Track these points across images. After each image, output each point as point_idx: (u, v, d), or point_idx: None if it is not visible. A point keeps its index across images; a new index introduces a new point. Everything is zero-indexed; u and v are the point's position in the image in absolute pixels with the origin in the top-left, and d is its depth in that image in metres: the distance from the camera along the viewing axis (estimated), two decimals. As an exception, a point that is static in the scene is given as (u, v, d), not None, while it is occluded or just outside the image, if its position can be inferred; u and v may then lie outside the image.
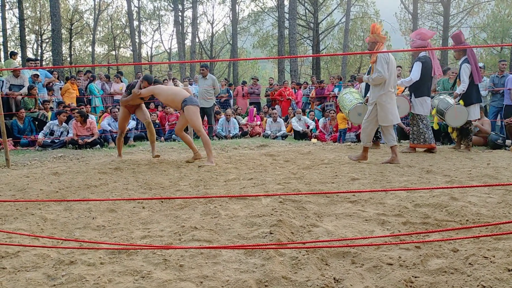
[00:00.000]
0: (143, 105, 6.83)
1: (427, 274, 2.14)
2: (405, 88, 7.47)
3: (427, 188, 2.16)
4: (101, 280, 2.13)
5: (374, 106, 5.75)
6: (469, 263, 2.22)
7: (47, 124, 9.32)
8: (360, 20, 31.09)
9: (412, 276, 2.09)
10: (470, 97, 7.01)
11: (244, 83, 15.54)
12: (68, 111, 9.70)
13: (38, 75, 11.02)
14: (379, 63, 5.57)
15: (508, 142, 7.94)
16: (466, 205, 3.33)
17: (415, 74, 6.75)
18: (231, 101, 13.87)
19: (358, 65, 31.38)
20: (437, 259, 2.31)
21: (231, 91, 14.18)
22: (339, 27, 30.87)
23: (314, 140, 10.19)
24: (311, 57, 27.52)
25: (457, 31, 7.30)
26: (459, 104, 6.97)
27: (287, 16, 21.59)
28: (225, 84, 14.18)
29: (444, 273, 2.13)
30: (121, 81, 13.12)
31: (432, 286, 2.00)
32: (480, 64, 9.93)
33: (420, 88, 6.88)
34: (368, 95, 6.49)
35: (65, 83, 12.16)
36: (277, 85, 14.41)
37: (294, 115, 11.43)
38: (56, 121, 9.25)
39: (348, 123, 9.84)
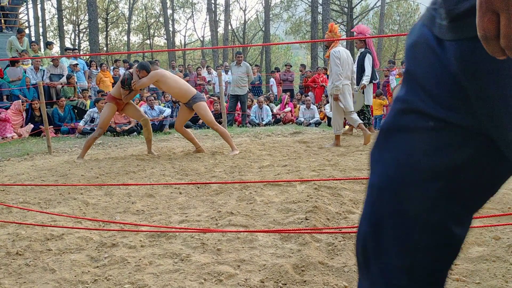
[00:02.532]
0: (132, 101, 6.13)
1: (468, 261, 2.10)
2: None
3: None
4: (142, 262, 2.19)
5: (331, 97, 6.26)
6: (512, 251, 2.17)
7: (88, 112, 9.58)
8: (396, 4, 30.30)
9: (453, 264, 2.05)
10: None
11: (277, 69, 15.46)
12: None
13: (77, 64, 11.31)
14: (332, 61, 6.04)
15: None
16: (508, 192, 3.23)
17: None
18: (273, 88, 13.86)
19: (394, 50, 30.69)
20: (478, 247, 2.27)
21: (273, 79, 14.14)
22: (374, 12, 30.19)
23: (348, 127, 10.06)
24: (345, 42, 27.11)
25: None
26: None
27: (320, 1, 21.27)
28: (257, 71, 14.15)
29: (485, 261, 2.08)
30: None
31: (473, 274, 1.97)
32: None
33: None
34: (363, 82, 7.08)
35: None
36: (310, 72, 14.26)
37: (328, 102, 11.31)
38: (95, 109, 9.51)
39: (383, 109, 9.69)
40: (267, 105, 11.42)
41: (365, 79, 7.10)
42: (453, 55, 0.74)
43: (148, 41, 34.17)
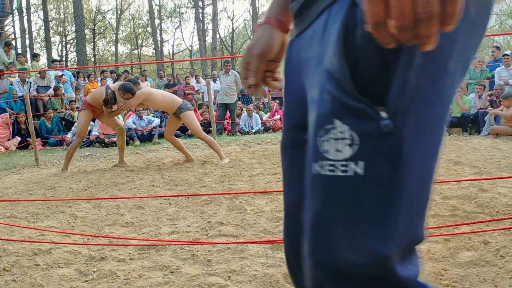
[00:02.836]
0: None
1: (457, 267, 2.11)
2: None
3: (455, 181, 2.13)
4: (131, 276, 2.17)
5: None
6: (501, 255, 2.18)
7: (75, 123, 9.51)
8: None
9: (442, 269, 2.06)
10: None
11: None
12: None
13: (62, 75, 11.24)
14: None
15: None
16: (496, 196, 3.26)
17: None
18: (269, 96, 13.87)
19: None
20: (467, 251, 2.28)
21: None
22: (360, 19, 30.44)
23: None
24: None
25: None
26: None
27: (307, 9, 21.40)
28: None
29: (474, 266, 2.09)
30: (146, 80, 13.29)
31: (462, 279, 1.98)
32: (508, 52, 9.70)
33: None
34: None
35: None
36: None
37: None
38: (82, 121, 9.44)
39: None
40: (257, 113, 11.44)
41: None
42: (294, 54, 0.78)
43: (136, 51, 34.11)
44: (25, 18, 23.84)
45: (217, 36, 29.03)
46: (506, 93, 8.17)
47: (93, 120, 9.47)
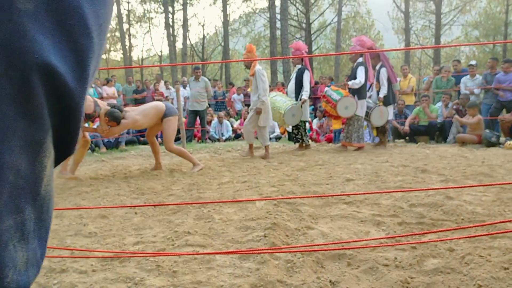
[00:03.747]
0: None
1: (423, 274, 2.12)
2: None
3: (423, 189, 2.14)
4: (93, 289, 2.09)
5: (253, 110, 6.72)
6: (465, 263, 2.21)
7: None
8: (352, 20, 31.19)
9: (408, 277, 2.07)
10: (388, 98, 7.62)
11: (231, 84, 15.50)
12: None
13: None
14: (258, 78, 6.58)
15: (502, 139, 7.96)
16: (461, 204, 3.32)
17: (363, 76, 7.26)
18: (236, 104, 13.81)
19: (351, 65, 31.45)
20: (433, 259, 2.29)
21: (238, 95, 14.11)
22: (331, 27, 30.93)
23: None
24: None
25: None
26: (381, 105, 7.52)
27: (278, 16, 21.59)
28: (222, 86, 14.12)
29: (440, 273, 2.11)
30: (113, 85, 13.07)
31: (428, 287, 1.98)
32: (473, 62, 9.99)
33: (362, 91, 7.34)
34: (303, 97, 7.44)
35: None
36: (270, 87, 14.34)
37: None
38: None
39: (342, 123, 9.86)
40: (227, 120, 11.39)
41: (305, 94, 7.40)
42: None
43: (104, 56, 33.53)
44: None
45: (188, 42, 28.87)
46: (471, 102, 8.41)
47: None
